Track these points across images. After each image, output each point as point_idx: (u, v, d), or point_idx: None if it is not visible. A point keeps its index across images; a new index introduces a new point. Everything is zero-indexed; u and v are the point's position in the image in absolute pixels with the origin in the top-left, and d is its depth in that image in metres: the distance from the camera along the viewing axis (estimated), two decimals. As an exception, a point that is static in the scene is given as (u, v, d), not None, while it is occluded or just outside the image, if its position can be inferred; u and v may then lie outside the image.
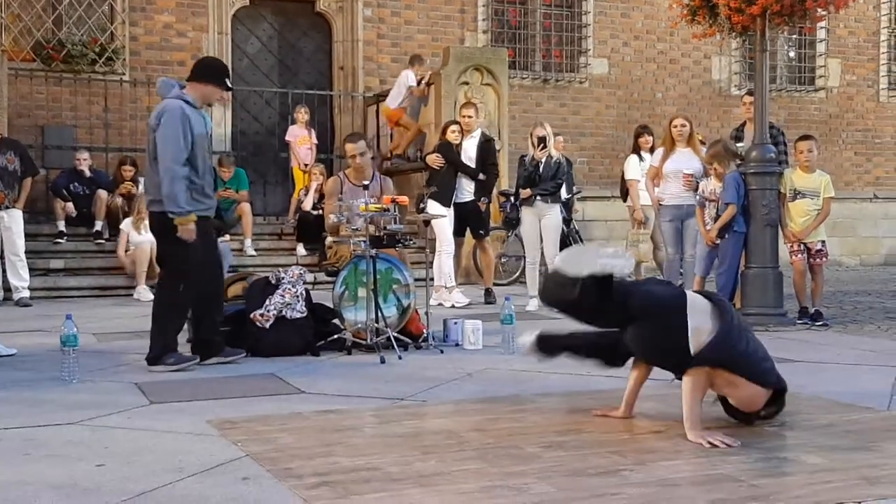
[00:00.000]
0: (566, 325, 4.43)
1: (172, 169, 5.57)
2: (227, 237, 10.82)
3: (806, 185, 7.83)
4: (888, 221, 15.67)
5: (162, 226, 5.71)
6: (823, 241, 7.92)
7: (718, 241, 7.78)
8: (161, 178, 5.60)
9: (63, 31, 12.23)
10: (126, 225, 10.33)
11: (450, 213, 9.30)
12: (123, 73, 12.50)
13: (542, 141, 8.81)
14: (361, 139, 7.41)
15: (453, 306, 8.99)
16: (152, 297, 9.69)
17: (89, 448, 3.79)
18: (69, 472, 3.43)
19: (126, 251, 10.29)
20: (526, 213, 8.93)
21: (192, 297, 5.80)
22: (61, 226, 10.90)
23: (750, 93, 8.96)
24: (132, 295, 10.06)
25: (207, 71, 5.94)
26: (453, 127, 9.65)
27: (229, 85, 5.94)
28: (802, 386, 5.07)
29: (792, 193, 7.83)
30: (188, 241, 5.63)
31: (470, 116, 9.72)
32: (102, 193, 11.00)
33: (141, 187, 11.34)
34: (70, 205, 10.97)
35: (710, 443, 3.75)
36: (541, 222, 8.88)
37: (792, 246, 7.86)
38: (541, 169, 8.79)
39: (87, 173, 11.16)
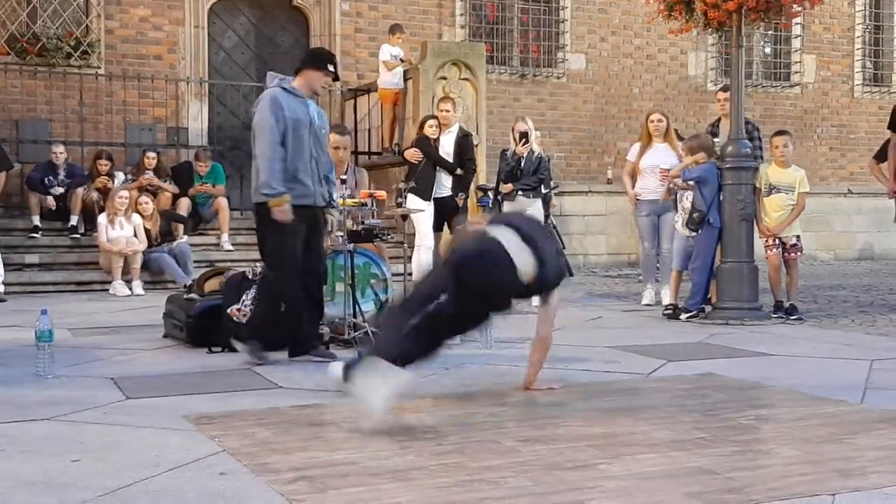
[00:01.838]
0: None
1: (265, 153, 5.58)
2: (185, 237, 10.80)
3: (781, 180, 7.88)
4: (862, 216, 15.79)
5: (259, 216, 5.75)
6: (798, 236, 7.98)
7: (694, 234, 7.82)
8: (259, 165, 5.63)
9: (38, 24, 12.12)
10: (102, 218, 10.26)
11: (429, 207, 9.29)
12: (99, 67, 12.41)
13: (524, 136, 8.83)
14: (348, 134, 7.40)
15: None
16: (128, 292, 9.84)
17: (64, 444, 3.77)
18: (44, 468, 3.41)
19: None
20: (507, 208, 8.94)
21: (292, 286, 5.71)
22: (36, 220, 10.83)
23: (724, 89, 9.00)
24: (108, 290, 10.00)
25: (310, 58, 5.98)
26: (431, 122, 9.64)
27: (331, 69, 5.81)
28: (777, 379, 5.12)
29: (767, 188, 7.88)
30: (285, 225, 5.56)
31: (448, 111, 9.71)
32: (79, 189, 10.92)
33: (117, 181, 11.29)
34: (51, 199, 10.88)
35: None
36: (522, 217, 8.88)
37: (767, 241, 7.91)
38: (522, 164, 8.81)
39: (62, 168, 11.07)
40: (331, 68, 5.84)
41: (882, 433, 3.92)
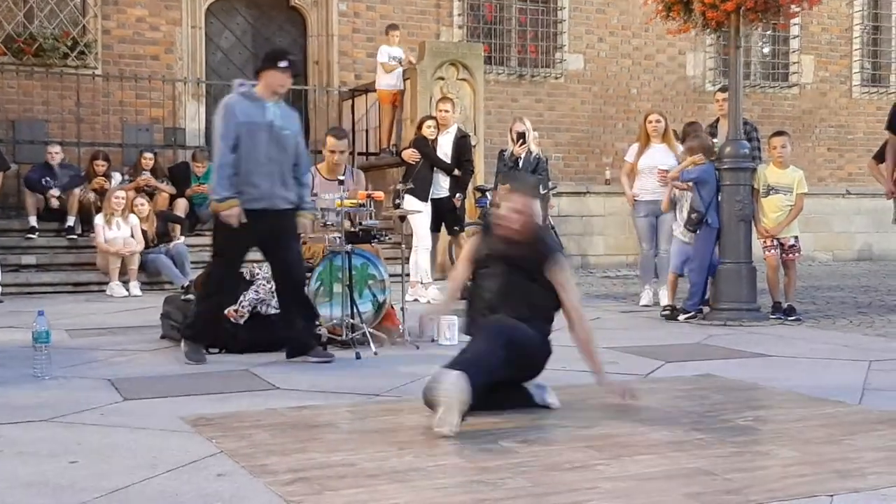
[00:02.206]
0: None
1: (214, 160, 5.77)
2: (182, 238, 10.79)
3: (779, 180, 7.88)
4: (861, 217, 15.81)
5: (215, 216, 5.83)
6: (796, 237, 7.98)
7: (692, 235, 7.82)
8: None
9: (34, 24, 12.11)
10: (99, 219, 10.24)
11: (427, 208, 9.29)
12: (96, 68, 12.40)
13: (522, 136, 8.84)
14: (345, 137, 7.38)
15: (429, 302, 8.99)
16: (125, 292, 9.83)
17: (62, 445, 3.76)
18: (41, 470, 3.40)
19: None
20: (505, 208, 8.92)
21: (219, 285, 5.84)
22: (33, 221, 10.81)
23: (722, 89, 9.01)
24: (105, 291, 9.99)
25: (264, 59, 5.94)
26: (429, 122, 9.64)
27: (283, 66, 5.76)
28: (775, 380, 5.12)
29: (765, 189, 7.87)
30: (231, 227, 5.63)
31: (447, 111, 9.71)
32: (75, 190, 10.91)
33: (113, 182, 11.28)
34: (54, 190, 10.84)
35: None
36: (520, 217, 8.87)
37: (765, 241, 7.91)
38: (520, 164, 8.81)
39: (57, 167, 11.05)
40: (282, 64, 5.76)
41: (880, 434, 3.92)
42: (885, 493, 3.12)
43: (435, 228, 9.62)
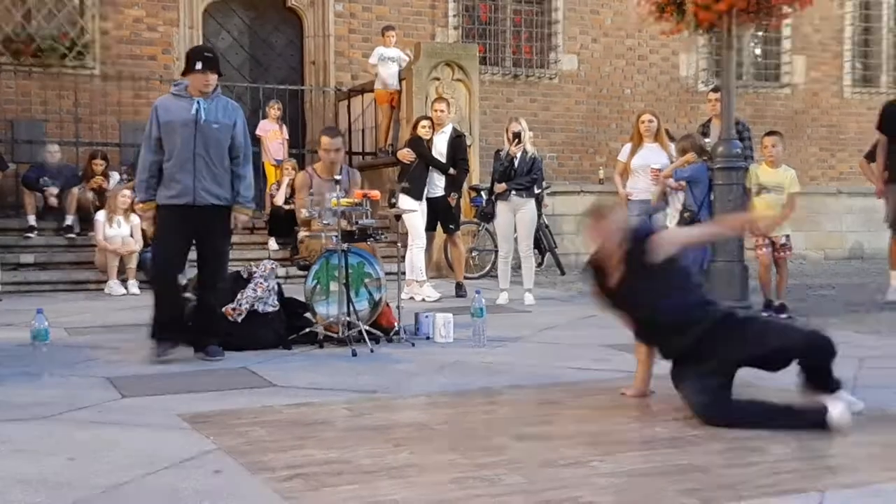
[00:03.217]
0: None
1: (138, 163, 5.94)
2: None
3: (771, 180, 7.90)
4: (852, 216, 15.86)
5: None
6: (788, 236, 8.00)
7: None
8: None
9: (32, 25, 12.12)
10: (101, 216, 10.23)
11: (422, 207, 9.32)
12: (93, 68, 12.41)
13: (518, 136, 8.87)
14: (339, 135, 7.40)
15: (424, 300, 9.02)
16: (123, 291, 9.84)
17: (60, 443, 3.79)
18: (40, 467, 3.42)
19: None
20: (501, 208, 8.98)
21: (161, 283, 5.89)
22: (32, 220, 10.81)
23: (714, 90, 9.05)
24: (103, 290, 10.00)
25: (185, 62, 5.96)
26: (424, 122, 9.66)
27: (198, 67, 5.75)
28: (767, 377, 5.14)
29: (757, 188, 7.91)
30: (165, 223, 5.77)
31: (442, 111, 9.74)
32: (74, 189, 10.92)
33: (112, 181, 11.29)
34: (52, 189, 10.84)
35: None
36: (516, 216, 8.93)
37: (757, 240, 7.94)
38: (516, 164, 8.85)
39: (55, 167, 11.06)
40: (198, 67, 5.75)
41: (871, 430, 3.95)
42: (877, 488, 3.15)
43: (430, 227, 9.65)
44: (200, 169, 5.71)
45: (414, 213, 8.83)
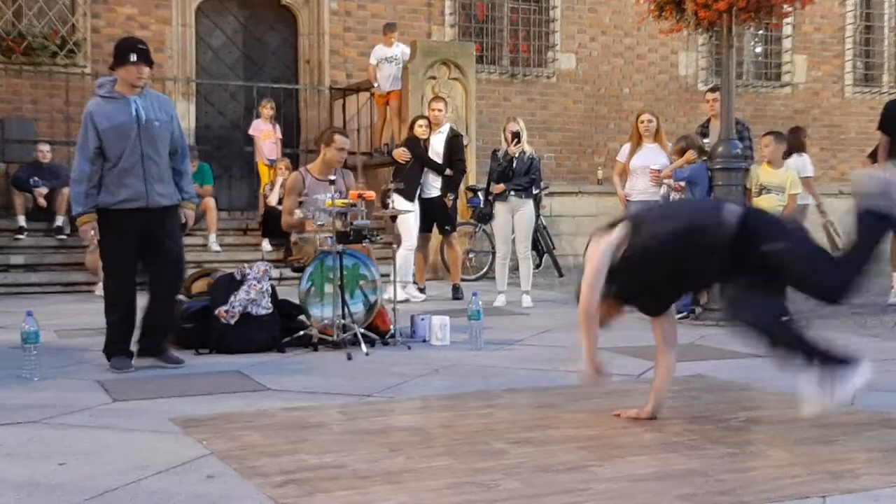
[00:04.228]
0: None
1: (72, 175, 5.62)
2: None
3: (772, 180, 7.87)
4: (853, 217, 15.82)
5: (100, 227, 5.63)
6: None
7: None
8: None
9: (23, 22, 12.06)
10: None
11: (414, 208, 9.28)
12: (85, 66, 12.35)
13: (516, 136, 8.83)
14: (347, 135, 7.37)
15: (406, 300, 8.94)
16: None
17: (51, 447, 3.75)
18: (31, 471, 3.39)
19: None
20: (499, 208, 8.94)
21: (121, 292, 5.64)
22: (22, 221, 10.76)
23: (713, 89, 9.01)
24: (94, 291, 9.94)
25: (114, 55, 5.65)
26: (421, 121, 9.63)
27: (133, 59, 5.51)
28: (767, 380, 5.11)
29: (758, 189, 7.87)
30: (113, 232, 5.54)
31: (440, 110, 9.70)
32: (64, 189, 10.85)
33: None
34: (42, 189, 10.78)
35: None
36: (514, 217, 8.90)
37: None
38: (514, 164, 8.81)
39: (45, 167, 11.00)
40: (132, 58, 5.52)
41: (873, 435, 3.93)
42: (878, 493, 3.12)
43: (427, 228, 9.61)
44: (150, 170, 5.53)
45: (406, 215, 8.79)
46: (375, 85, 12.08)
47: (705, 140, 8.41)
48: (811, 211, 9.79)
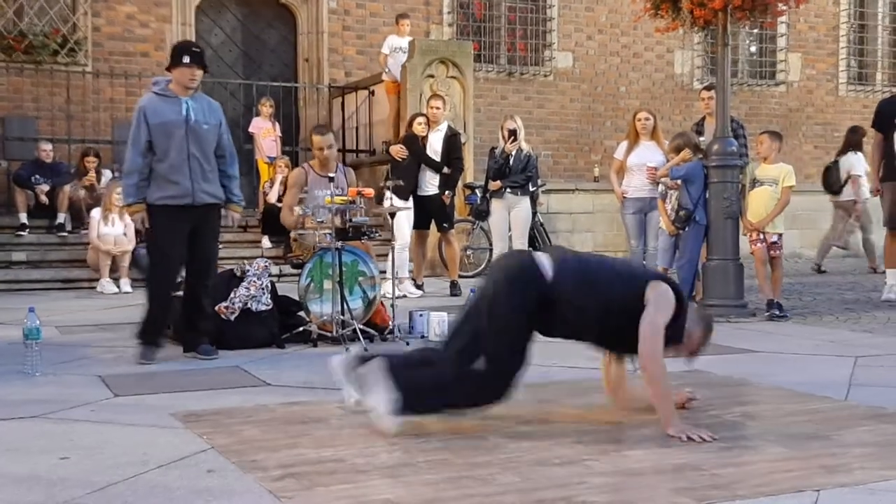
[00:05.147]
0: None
1: (124, 166, 5.88)
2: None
3: (766, 174, 7.86)
4: (848, 214, 15.84)
5: (149, 217, 5.82)
6: (780, 234, 7.90)
7: (680, 232, 7.87)
8: None
9: (24, 21, 12.08)
10: (96, 213, 10.19)
11: (409, 206, 9.29)
12: (86, 64, 12.38)
13: (513, 133, 8.86)
14: (329, 132, 7.38)
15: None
16: (115, 289, 9.81)
17: (53, 441, 3.77)
18: (33, 466, 3.41)
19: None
20: (496, 205, 8.96)
21: (163, 284, 5.85)
22: (23, 218, 10.78)
23: (708, 87, 9.03)
24: (95, 288, 9.97)
25: (171, 56, 5.87)
26: (419, 119, 9.64)
27: (187, 61, 5.72)
28: (762, 376, 5.15)
29: (752, 182, 7.88)
30: (161, 225, 5.71)
31: (438, 108, 9.72)
32: (66, 187, 10.88)
33: (104, 179, 11.25)
34: (44, 186, 10.80)
35: (689, 437, 3.71)
36: (510, 214, 8.92)
37: (751, 235, 7.91)
38: (511, 161, 8.84)
39: (47, 164, 11.02)
40: (186, 60, 5.72)
41: (866, 429, 3.95)
42: (872, 487, 3.14)
43: (424, 226, 9.63)
44: (195, 170, 5.72)
45: (400, 212, 8.82)
46: (387, 70, 12.09)
47: (701, 138, 8.44)
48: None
